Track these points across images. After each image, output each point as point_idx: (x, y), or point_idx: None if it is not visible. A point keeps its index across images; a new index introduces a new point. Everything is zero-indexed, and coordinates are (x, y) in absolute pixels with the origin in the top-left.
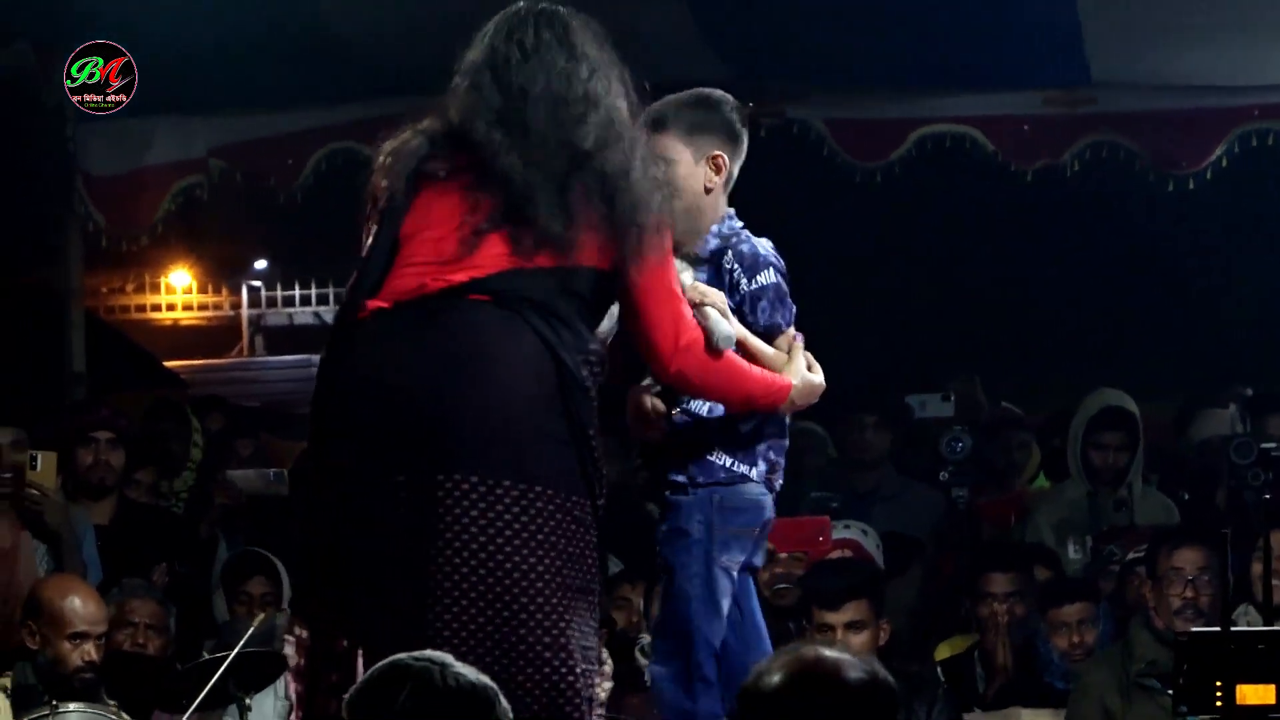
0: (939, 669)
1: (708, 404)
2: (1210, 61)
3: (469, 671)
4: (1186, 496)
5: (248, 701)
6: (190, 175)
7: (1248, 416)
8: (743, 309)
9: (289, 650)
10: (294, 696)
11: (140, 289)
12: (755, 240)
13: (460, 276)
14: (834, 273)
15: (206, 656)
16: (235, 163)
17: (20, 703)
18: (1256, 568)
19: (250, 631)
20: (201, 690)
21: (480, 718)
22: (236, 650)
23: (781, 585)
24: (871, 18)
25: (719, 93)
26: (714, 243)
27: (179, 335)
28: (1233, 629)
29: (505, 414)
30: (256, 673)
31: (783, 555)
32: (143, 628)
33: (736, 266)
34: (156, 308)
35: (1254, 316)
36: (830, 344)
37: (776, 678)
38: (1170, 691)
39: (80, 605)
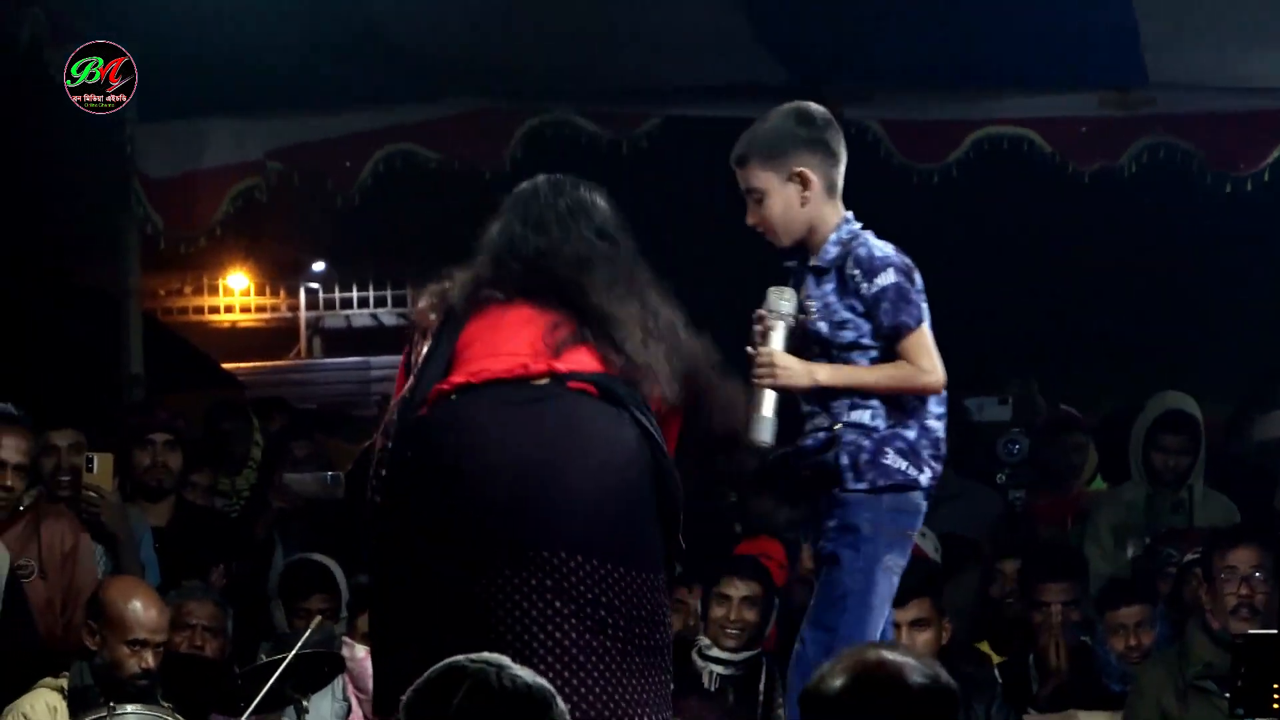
0: (995, 670)
1: (871, 412)
2: (1266, 63)
3: (525, 673)
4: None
5: (305, 703)
6: (248, 177)
7: None
8: (869, 312)
9: (346, 653)
10: (353, 698)
11: (198, 291)
12: (874, 243)
13: (563, 366)
14: None
15: (264, 659)
16: (292, 165)
17: (77, 703)
18: None
19: (306, 635)
20: (259, 692)
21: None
22: (293, 653)
23: None
24: (928, 20)
25: (791, 107)
26: (834, 251)
27: (236, 337)
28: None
29: (605, 495)
30: (314, 674)
31: None
32: (200, 630)
33: (856, 271)
34: (214, 310)
35: None
36: None
37: (839, 681)
38: (1227, 694)
39: (142, 611)
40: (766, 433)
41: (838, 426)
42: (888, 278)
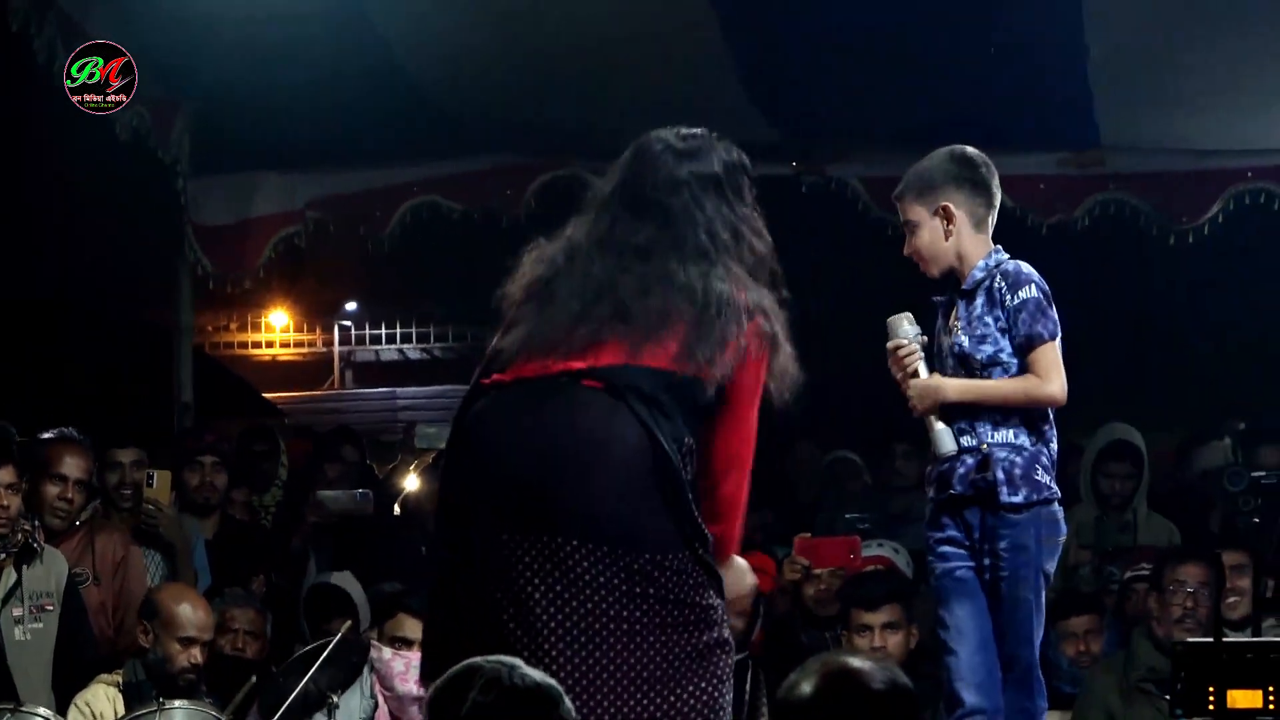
0: None
1: (1014, 430)
2: (1208, 127)
3: (535, 673)
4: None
5: (335, 700)
6: (290, 225)
7: (1240, 448)
8: (1008, 321)
9: (374, 654)
10: (380, 696)
11: (243, 327)
12: (1021, 263)
13: (579, 364)
14: (861, 319)
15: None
16: (329, 214)
17: (131, 697)
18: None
19: (338, 637)
20: (293, 689)
21: (545, 715)
22: (325, 655)
23: (824, 598)
24: (906, 87)
25: (947, 149)
26: (980, 274)
27: (277, 370)
28: (1224, 639)
29: (609, 486)
30: (343, 669)
31: (822, 572)
32: (242, 633)
33: (1002, 284)
34: (257, 345)
35: (1246, 357)
36: (866, 379)
37: (807, 688)
38: (1167, 696)
39: (191, 612)
40: (944, 444)
41: (984, 446)
42: (1030, 291)
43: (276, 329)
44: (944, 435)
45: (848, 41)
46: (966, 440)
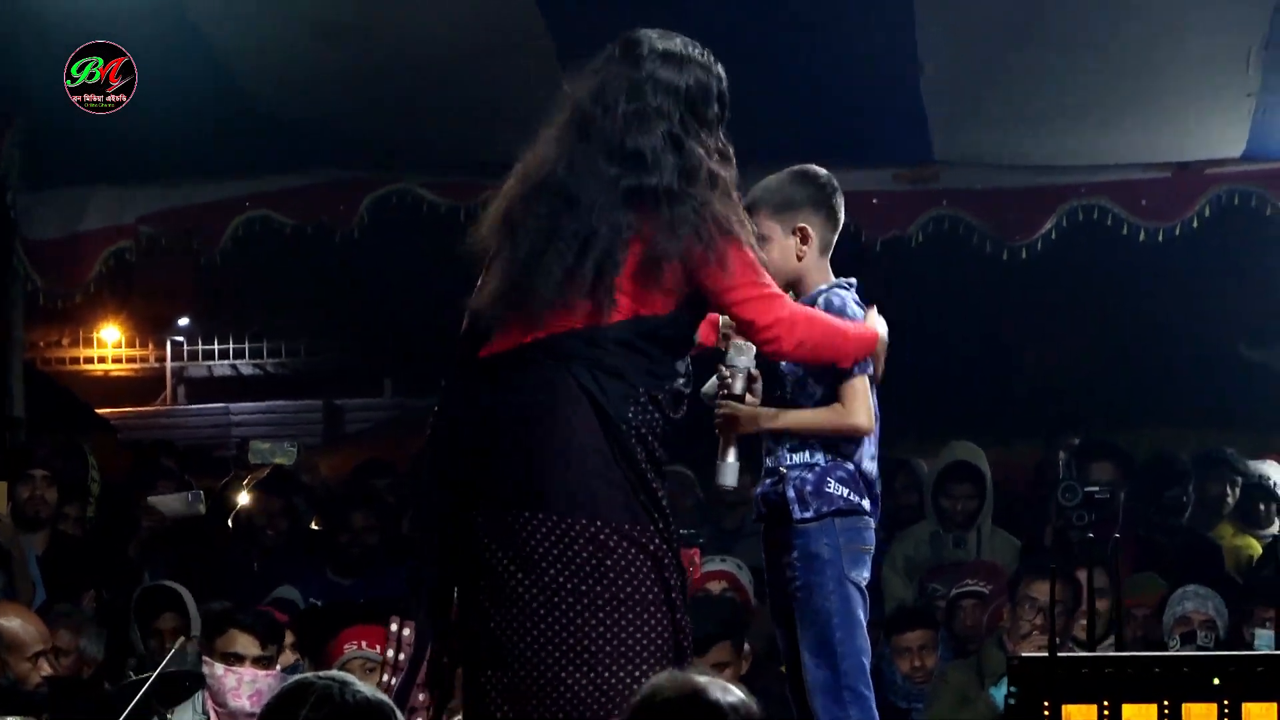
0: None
1: (809, 452)
2: (1041, 143)
3: (367, 689)
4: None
5: (169, 716)
6: (121, 240)
7: (1074, 462)
8: None
9: (206, 670)
10: (212, 713)
11: (75, 343)
12: (849, 296)
13: (530, 335)
14: None
15: (132, 677)
16: (160, 228)
17: None
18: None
19: (170, 654)
20: (124, 709)
21: None
22: (156, 673)
23: None
24: (741, 103)
25: (808, 168)
26: (809, 299)
27: (109, 385)
28: (1058, 654)
29: (561, 459)
30: (176, 691)
31: None
32: (68, 650)
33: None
34: (89, 360)
35: (1078, 372)
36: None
37: (657, 708)
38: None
39: (26, 627)
40: (726, 477)
41: (782, 469)
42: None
43: (109, 344)
44: (731, 469)
45: None
46: (770, 462)
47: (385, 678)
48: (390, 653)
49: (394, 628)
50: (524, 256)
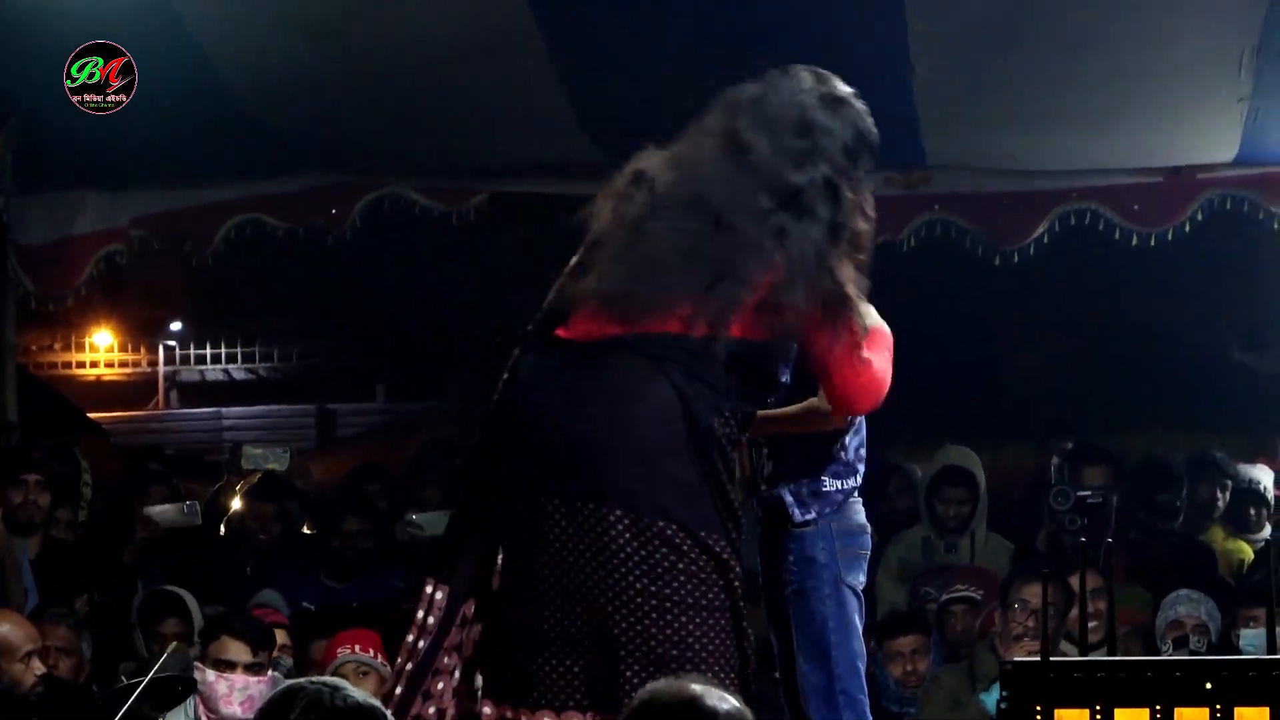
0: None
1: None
2: (1034, 147)
3: (358, 693)
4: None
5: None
6: (112, 243)
7: (1066, 467)
8: None
9: (198, 676)
10: (204, 718)
11: (67, 347)
12: None
13: (631, 329)
14: None
15: (124, 681)
16: (152, 231)
17: None
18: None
19: (163, 659)
20: (118, 712)
21: None
22: (150, 675)
23: None
24: None
25: None
26: None
27: (101, 389)
28: (1050, 659)
29: (642, 456)
30: (169, 695)
31: None
32: (54, 651)
33: None
34: (81, 364)
35: (1071, 377)
36: None
37: (654, 708)
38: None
39: (16, 630)
40: None
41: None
42: None
43: (100, 348)
44: None
45: (674, 61)
46: (767, 465)
47: (411, 639)
48: (420, 614)
49: (428, 589)
50: (651, 263)
